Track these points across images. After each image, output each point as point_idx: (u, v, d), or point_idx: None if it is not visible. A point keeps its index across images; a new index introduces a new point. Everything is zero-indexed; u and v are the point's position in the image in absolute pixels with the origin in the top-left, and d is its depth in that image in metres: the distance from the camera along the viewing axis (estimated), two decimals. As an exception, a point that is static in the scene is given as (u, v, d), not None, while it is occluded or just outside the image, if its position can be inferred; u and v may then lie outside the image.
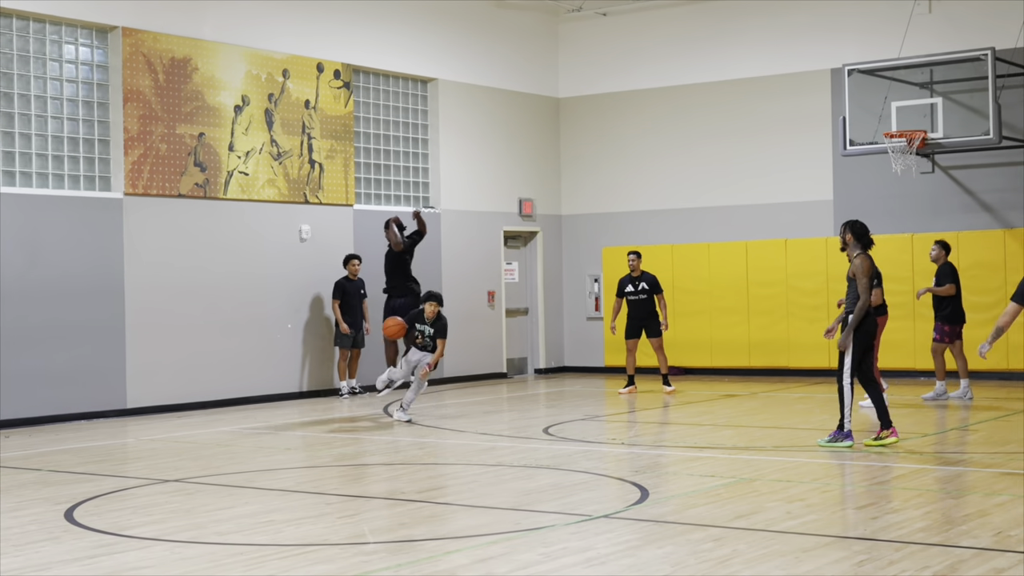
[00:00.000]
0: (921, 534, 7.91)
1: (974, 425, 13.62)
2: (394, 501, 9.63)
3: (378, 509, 9.35)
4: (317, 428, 14.99)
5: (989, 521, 8.24)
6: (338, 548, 7.90)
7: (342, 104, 19.29)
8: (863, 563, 7.16)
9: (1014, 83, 18.54)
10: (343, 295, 18.38)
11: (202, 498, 9.91)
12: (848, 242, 12.07)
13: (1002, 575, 6.82)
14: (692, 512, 8.87)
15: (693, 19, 21.95)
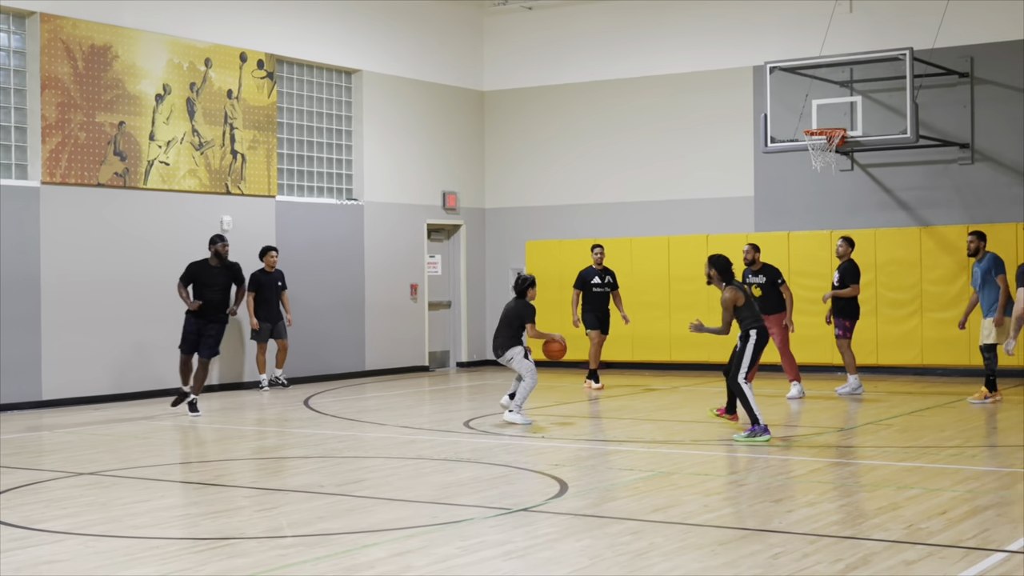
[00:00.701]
0: (835, 527, 8.02)
1: (888, 420, 13.82)
2: (312, 494, 9.58)
3: (296, 502, 9.30)
4: (236, 421, 14.88)
5: (901, 514, 8.37)
6: (255, 541, 7.86)
7: (265, 94, 19.14)
8: (778, 556, 7.24)
9: (931, 83, 18.83)
10: (258, 288, 18.21)
11: (118, 491, 9.80)
12: (712, 276, 12.63)
13: (912, 567, 6.94)
14: (610, 505, 8.93)
15: (618, 15, 22.04)
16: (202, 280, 15.20)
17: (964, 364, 18.75)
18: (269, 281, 18.34)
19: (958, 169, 19.18)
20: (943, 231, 19.07)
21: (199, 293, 15.15)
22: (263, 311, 18.22)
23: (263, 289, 18.27)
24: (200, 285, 15.18)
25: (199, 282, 15.20)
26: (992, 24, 18.94)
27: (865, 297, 19.10)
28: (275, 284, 18.40)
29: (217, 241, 15.37)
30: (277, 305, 18.43)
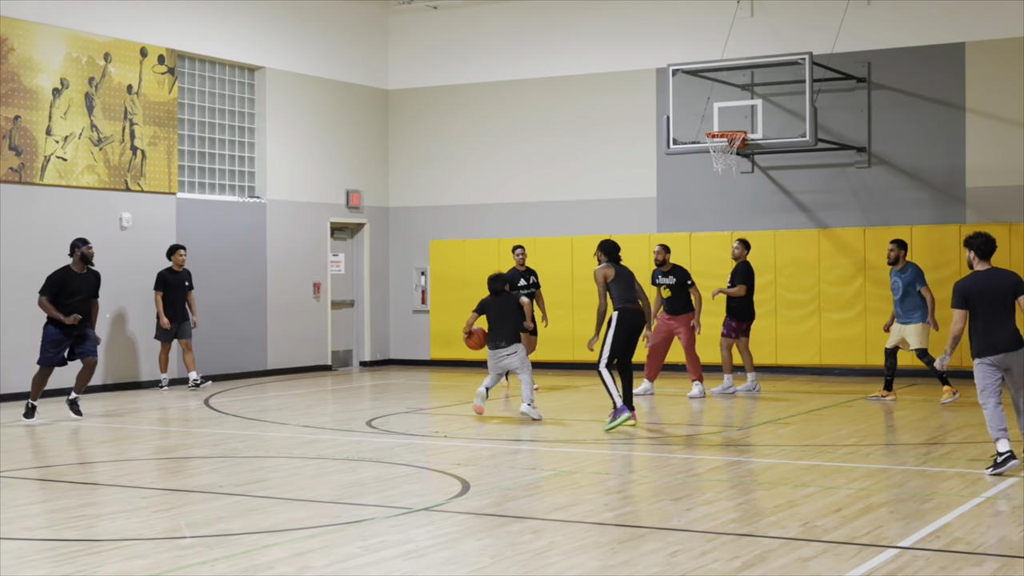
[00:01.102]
0: (732, 525, 8.13)
1: (786, 419, 14.03)
2: (212, 495, 9.49)
3: (195, 503, 9.21)
4: (135, 421, 14.67)
5: (797, 512, 8.51)
6: (153, 543, 7.76)
7: (166, 90, 18.90)
8: (676, 554, 7.32)
9: (830, 87, 19.15)
10: (166, 287, 17.95)
11: (11, 493, 9.61)
12: (599, 258, 13.61)
13: (807, 564, 7.05)
14: (512, 504, 8.96)
15: (522, 15, 22.11)
16: (70, 289, 14.19)
17: (861, 364, 19.08)
18: (177, 280, 18.04)
19: (855, 172, 19.52)
20: (841, 233, 19.39)
21: (66, 305, 14.13)
22: (170, 311, 17.91)
23: (171, 289, 17.94)
24: (67, 295, 14.16)
25: (66, 292, 14.15)
26: (889, 31, 19.30)
27: (764, 298, 19.39)
28: (182, 284, 18.10)
29: (81, 245, 14.40)
30: (184, 305, 18.13)
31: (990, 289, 10.13)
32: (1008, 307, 10.15)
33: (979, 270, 10.32)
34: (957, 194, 18.88)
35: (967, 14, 18.86)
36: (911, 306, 15.39)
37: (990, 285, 10.16)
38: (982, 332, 10.09)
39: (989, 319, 10.07)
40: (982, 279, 10.21)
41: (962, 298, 10.14)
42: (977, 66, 18.80)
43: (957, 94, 18.89)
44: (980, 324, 10.10)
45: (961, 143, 18.85)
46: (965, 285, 10.20)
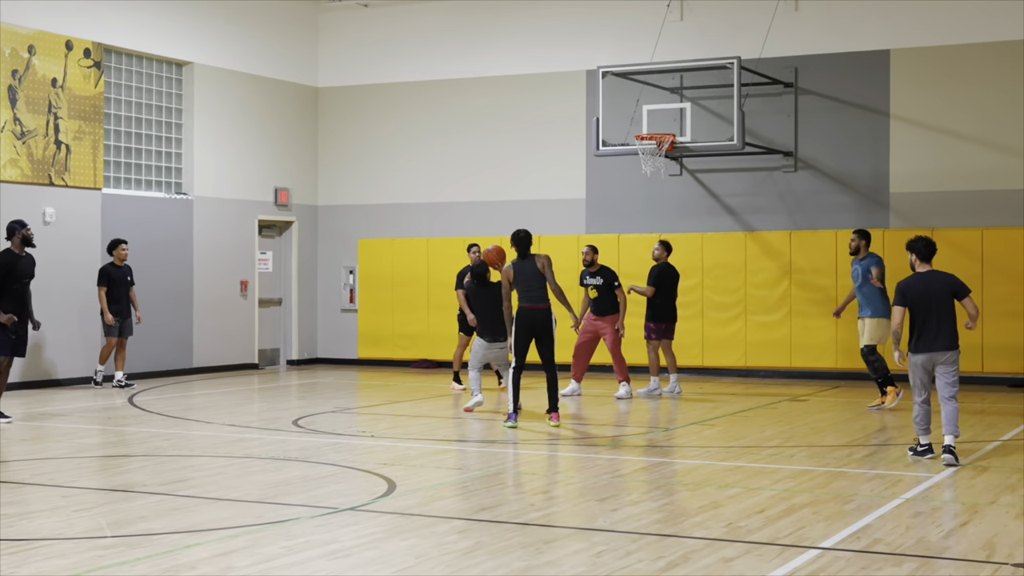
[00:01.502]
0: (657, 525, 8.18)
1: (711, 420, 14.14)
2: (134, 494, 9.39)
3: (117, 502, 9.11)
4: (57, 418, 14.47)
5: (721, 513, 8.58)
6: (72, 542, 7.67)
7: (92, 84, 18.67)
8: (601, 554, 7.36)
9: (757, 92, 19.33)
10: (110, 282, 17.55)
11: (-72, 491, 9.45)
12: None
13: (730, 564, 7.12)
14: (438, 504, 8.95)
15: (454, 15, 22.09)
16: (17, 273, 13.62)
17: (786, 366, 19.28)
18: (120, 275, 17.68)
19: (782, 176, 19.72)
20: (767, 236, 19.58)
21: (13, 291, 13.55)
22: (114, 307, 17.50)
23: (115, 284, 17.59)
24: (15, 279, 13.60)
25: (13, 276, 13.59)
26: (816, 37, 19.52)
27: (691, 300, 19.54)
28: (125, 279, 17.76)
29: (20, 227, 13.78)
30: (128, 301, 17.78)
31: (929, 290, 10.85)
32: (945, 308, 10.85)
33: (920, 271, 11.04)
34: (881, 199, 19.13)
35: (892, 22, 19.12)
36: (867, 296, 15.04)
37: (929, 287, 10.88)
38: (919, 330, 10.79)
39: (926, 318, 10.79)
40: (922, 280, 10.94)
41: (903, 296, 10.90)
42: (901, 73, 19.07)
43: (882, 100, 19.15)
44: (918, 322, 10.82)
45: (885, 149, 19.11)
46: (906, 285, 10.95)
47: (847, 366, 18.84)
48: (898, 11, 19.09)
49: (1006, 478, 9.96)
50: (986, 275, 18.18)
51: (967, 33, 18.73)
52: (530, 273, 13.31)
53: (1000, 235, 18.23)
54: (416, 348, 21.92)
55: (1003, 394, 17.08)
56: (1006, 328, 18.08)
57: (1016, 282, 18.08)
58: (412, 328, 21.90)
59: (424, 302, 21.79)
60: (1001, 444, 12.02)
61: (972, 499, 9.07)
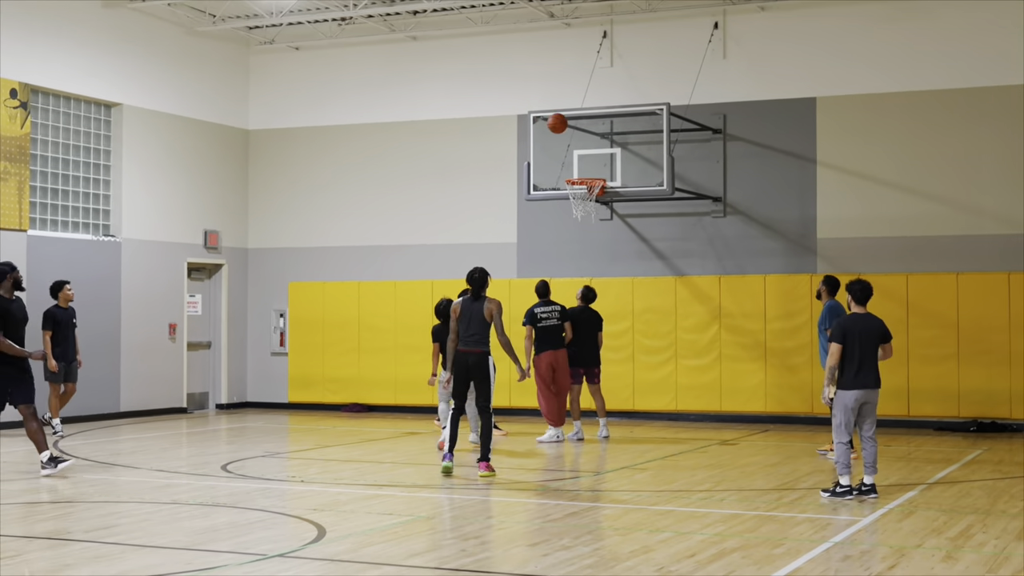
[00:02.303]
0: (589, 571, 8.17)
1: (642, 464, 14.18)
2: (59, 541, 9.23)
3: (40, 550, 8.95)
4: (-21, 464, 14.21)
5: (652, 557, 8.59)
6: (-5, 592, 7.52)
7: (18, 125, 18.47)
8: (532, 599, 7.33)
9: (686, 138, 19.54)
10: (55, 325, 16.86)
11: None
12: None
13: (661, 609, 7.12)
14: (368, 551, 8.89)
15: (385, 59, 22.14)
16: (15, 319, 12.82)
17: (716, 410, 19.40)
18: (66, 318, 17.03)
19: (711, 221, 19.91)
20: (697, 281, 19.74)
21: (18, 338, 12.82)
22: (59, 350, 16.83)
23: (61, 327, 16.91)
24: (14, 327, 12.81)
25: (12, 321, 12.78)
26: (744, 84, 19.79)
27: (622, 344, 19.65)
28: (70, 321, 17.11)
29: (11, 270, 12.99)
30: (73, 344, 17.15)
31: (865, 330, 11.35)
32: (875, 349, 11.41)
33: (857, 312, 11.47)
34: (809, 244, 19.38)
35: (818, 70, 19.44)
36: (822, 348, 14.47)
37: (864, 327, 11.40)
38: (855, 368, 11.25)
39: (861, 358, 11.28)
40: (860, 320, 11.48)
41: (842, 333, 11.31)
42: (828, 120, 19.38)
43: (809, 147, 19.43)
44: (853, 361, 11.26)
45: (812, 195, 19.37)
46: (847, 323, 11.37)
47: (776, 410, 19.01)
48: (824, 60, 19.42)
49: (932, 521, 10.07)
50: (911, 319, 18.45)
51: (891, 82, 19.08)
52: (474, 315, 12.93)
53: (925, 280, 18.52)
54: (347, 392, 21.81)
55: (928, 437, 17.30)
56: (931, 372, 18.34)
57: (940, 327, 18.36)
58: (343, 372, 21.79)
59: (355, 345, 21.71)
60: (927, 487, 12.16)
61: (899, 542, 9.17)
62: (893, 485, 12.16)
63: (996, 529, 9.68)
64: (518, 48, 21.21)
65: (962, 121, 18.69)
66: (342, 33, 22.12)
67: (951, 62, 18.75)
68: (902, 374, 18.38)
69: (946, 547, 8.96)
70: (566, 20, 20.58)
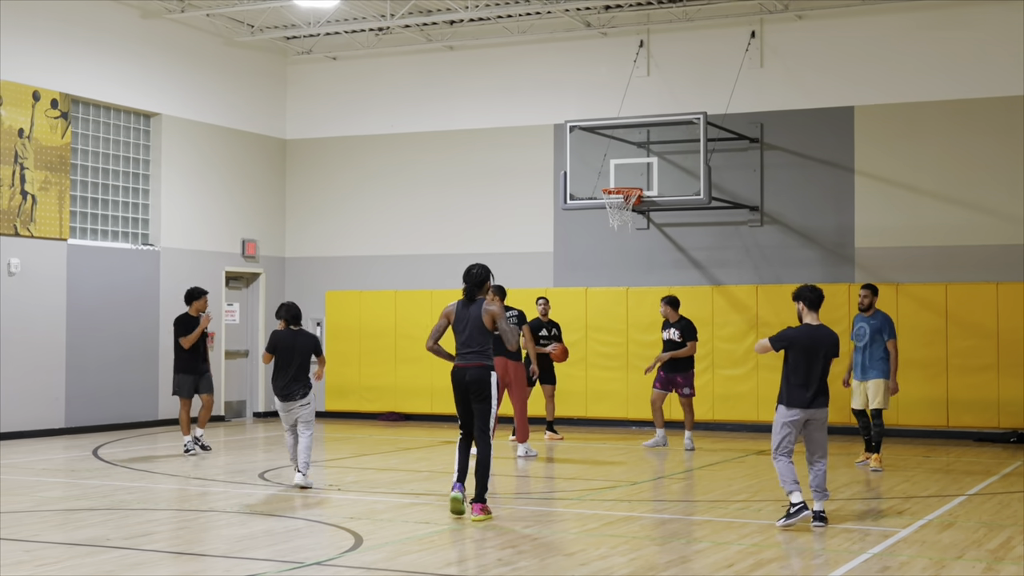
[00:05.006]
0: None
1: (678, 474, 14.14)
2: (98, 548, 9.29)
3: (81, 556, 9.00)
4: (21, 471, 14.32)
5: (689, 568, 8.57)
6: (35, 598, 7.57)
7: (59, 135, 18.63)
8: (569, 609, 7.32)
9: (723, 147, 19.48)
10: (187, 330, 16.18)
11: None
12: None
13: (699, 620, 7.10)
14: (404, 559, 8.90)
15: (422, 69, 22.20)
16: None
17: (753, 420, 19.30)
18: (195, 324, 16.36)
19: (748, 231, 19.84)
20: (733, 290, 19.66)
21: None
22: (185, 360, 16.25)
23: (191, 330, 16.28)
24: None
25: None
26: (781, 93, 19.72)
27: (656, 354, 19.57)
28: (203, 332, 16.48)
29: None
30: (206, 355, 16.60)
31: (813, 344, 10.48)
32: (826, 365, 10.50)
33: (808, 323, 10.63)
34: (846, 254, 19.27)
35: (856, 79, 19.35)
36: (876, 356, 14.40)
37: (814, 340, 10.48)
38: (800, 383, 10.40)
39: (807, 372, 10.40)
40: (809, 333, 10.53)
41: (785, 343, 10.50)
42: (865, 129, 19.28)
43: (847, 156, 19.34)
44: (800, 375, 10.41)
45: (850, 204, 19.28)
46: (794, 334, 10.53)
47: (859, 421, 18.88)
48: (861, 69, 19.33)
49: (972, 533, 9.99)
50: (950, 330, 18.32)
51: (929, 91, 18.97)
52: (470, 322, 10.95)
53: (964, 290, 18.38)
54: (383, 401, 21.85)
55: (968, 448, 17.16)
56: (970, 383, 18.19)
57: (979, 337, 18.22)
58: (379, 380, 21.84)
59: (391, 355, 21.74)
60: (967, 499, 12.06)
61: (939, 554, 9.09)
62: (933, 496, 12.08)
63: (1037, 541, 9.59)
64: (555, 57, 21.22)
65: (1001, 129, 18.55)
66: (379, 43, 22.20)
67: (990, 70, 18.62)
68: (941, 384, 18.26)
69: (986, 559, 8.88)
70: (602, 30, 20.58)
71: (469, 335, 10.95)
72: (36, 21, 18.36)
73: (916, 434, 18.43)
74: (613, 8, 20.16)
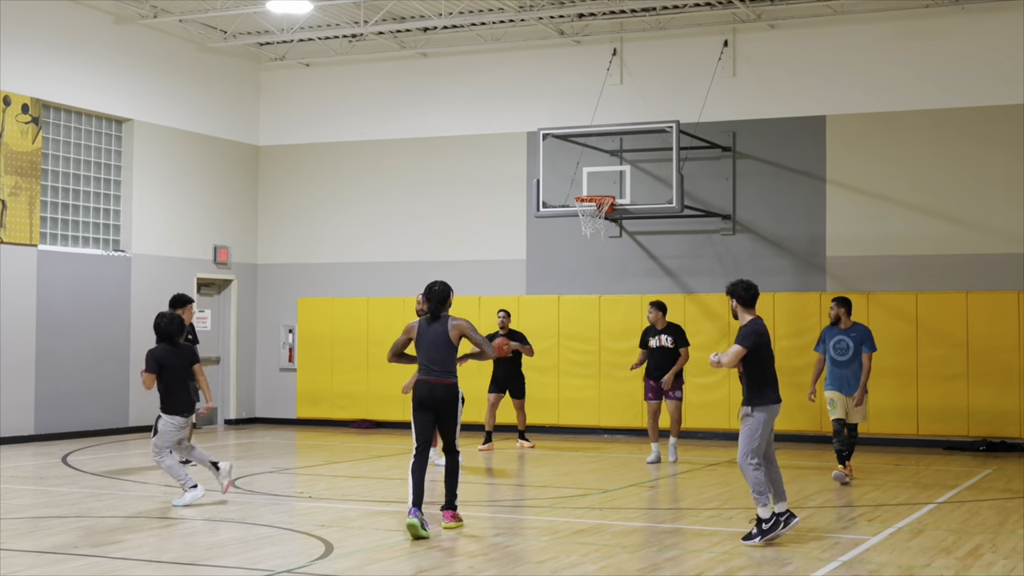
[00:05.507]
0: (595, 588, 8.15)
1: (650, 482, 14.15)
2: (67, 556, 9.23)
3: (49, 564, 8.95)
4: (-12, 478, 14.24)
5: (660, 575, 8.56)
6: (2, 606, 7.52)
7: (29, 140, 18.54)
8: (539, 617, 7.31)
9: (696, 155, 19.54)
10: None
11: None
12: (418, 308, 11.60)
13: (668, 628, 7.11)
14: (374, 567, 8.88)
15: (395, 76, 22.19)
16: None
17: (725, 428, 19.33)
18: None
19: (720, 239, 19.90)
20: (705, 298, 19.71)
21: None
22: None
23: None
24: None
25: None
26: (753, 102, 19.80)
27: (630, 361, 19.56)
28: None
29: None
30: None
31: (767, 340, 10.08)
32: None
33: (758, 318, 10.16)
34: (818, 262, 19.35)
35: (828, 88, 19.45)
36: (859, 370, 13.97)
37: (766, 335, 10.07)
38: (774, 378, 9.98)
39: (772, 367, 10.04)
40: (763, 327, 10.07)
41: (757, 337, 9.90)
42: (837, 138, 19.37)
43: (818, 165, 19.43)
44: (772, 369, 9.98)
45: (822, 213, 19.36)
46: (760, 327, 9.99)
47: (785, 428, 18.88)
48: (833, 78, 19.43)
49: (941, 540, 10.04)
50: (921, 338, 18.42)
51: (901, 100, 19.09)
52: (437, 339, 10.66)
53: (935, 299, 18.49)
54: (355, 408, 21.81)
55: (938, 456, 17.25)
56: (940, 392, 18.29)
57: (950, 346, 18.32)
58: (351, 388, 21.80)
59: (364, 362, 21.70)
60: (936, 507, 12.12)
61: (908, 562, 9.13)
62: (902, 504, 12.13)
63: (1005, 549, 9.64)
64: (528, 65, 21.24)
65: (971, 140, 18.68)
66: (353, 50, 22.18)
67: (960, 81, 18.74)
68: (911, 393, 18.35)
69: (955, 567, 8.93)
70: (576, 38, 20.62)
71: (435, 352, 10.63)
72: (7, 25, 18.26)
73: (886, 442, 18.52)
74: (587, 16, 20.21)
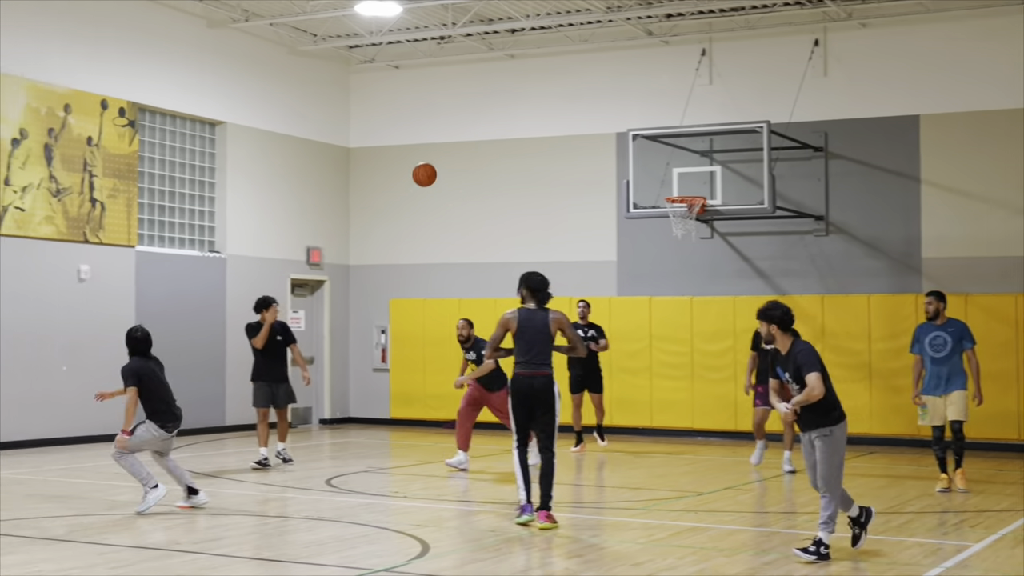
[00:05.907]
0: (695, 591, 8.10)
1: (746, 484, 14.04)
2: (168, 552, 9.37)
3: (151, 560, 9.09)
4: (92, 475, 14.48)
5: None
6: (110, 602, 7.65)
7: (126, 143, 18.85)
8: (639, 619, 7.28)
9: (787, 156, 19.35)
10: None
11: (-36, 548, 9.45)
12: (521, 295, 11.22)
13: (771, 632, 7.04)
14: (472, 567, 8.90)
15: (484, 77, 22.25)
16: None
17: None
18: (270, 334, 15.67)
19: (813, 240, 19.70)
20: (799, 300, 19.48)
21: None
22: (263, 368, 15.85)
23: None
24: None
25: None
26: (845, 102, 19.56)
27: (723, 363, 19.53)
28: (275, 338, 15.81)
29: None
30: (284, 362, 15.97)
31: None
32: None
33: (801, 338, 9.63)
34: (913, 264, 19.08)
35: (921, 87, 19.16)
36: (958, 367, 13.35)
37: None
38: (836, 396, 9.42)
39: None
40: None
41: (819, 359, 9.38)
42: (931, 138, 19.08)
43: (912, 165, 19.15)
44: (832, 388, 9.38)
45: (917, 213, 19.09)
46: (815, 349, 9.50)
47: (881, 431, 18.71)
48: (926, 76, 19.14)
49: (1046, 547, 9.84)
50: (1020, 341, 18.07)
51: (995, 98, 18.75)
52: (538, 330, 10.68)
53: (1034, 300, 18.14)
54: (447, 408, 21.82)
55: (1038, 461, 16.93)
56: (1041, 394, 17.95)
57: (1050, 348, 17.97)
58: (444, 388, 21.81)
59: (456, 362, 21.72)
60: (1039, 512, 11.89)
61: (1012, 571, 8.96)
62: (1006, 511, 11.91)
63: (1113, 556, 9.43)
64: (616, 66, 21.18)
65: (1072, 138, 18.31)
66: (441, 52, 22.27)
67: (1061, 78, 18.38)
68: (1013, 397, 18.02)
69: (1062, 574, 8.75)
70: (664, 38, 20.53)
71: (536, 343, 10.64)
72: (104, 31, 18.59)
73: (988, 447, 18.18)
74: (675, 17, 20.11)
